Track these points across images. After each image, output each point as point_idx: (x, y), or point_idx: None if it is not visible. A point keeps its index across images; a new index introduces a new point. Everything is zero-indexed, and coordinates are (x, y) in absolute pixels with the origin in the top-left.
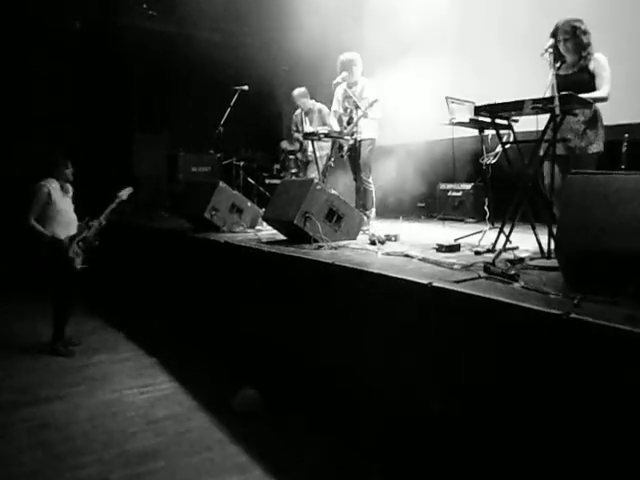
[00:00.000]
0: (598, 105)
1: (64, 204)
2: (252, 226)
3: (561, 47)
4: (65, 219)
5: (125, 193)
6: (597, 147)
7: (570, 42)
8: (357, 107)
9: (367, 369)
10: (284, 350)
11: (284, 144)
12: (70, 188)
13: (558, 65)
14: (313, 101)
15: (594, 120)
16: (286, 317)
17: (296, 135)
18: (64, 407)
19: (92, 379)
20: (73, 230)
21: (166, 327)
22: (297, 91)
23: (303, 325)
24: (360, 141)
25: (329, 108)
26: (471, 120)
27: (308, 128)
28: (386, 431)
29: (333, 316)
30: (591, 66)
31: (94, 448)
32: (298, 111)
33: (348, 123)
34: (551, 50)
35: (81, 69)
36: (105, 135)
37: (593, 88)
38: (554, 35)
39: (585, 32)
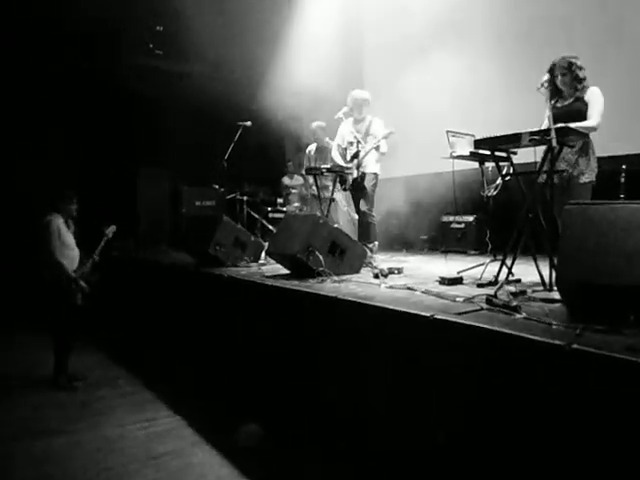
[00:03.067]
0: (591, 136)
1: (69, 238)
2: (255, 260)
3: (559, 82)
4: (71, 254)
5: (110, 231)
6: (589, 177)
7: (567, 77)
8: (359, 141)
9: (370, 401)
10: (286, 383)
11: (286, 180)
12: (72, 224)
13: (555, 99)
14: (328, 139)
15: (585, 150)
16: (289, 350)
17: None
18: (65, 442)
19: (94, 414)
20: (75, 265)
21: (168, 361)
22: (316, 124)
23: (306, 358)
24: (364, 175)
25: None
26: (471, 153)
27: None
28: (391, 464)
29: (336, 348)
30: (586, 97)
31: None
32: (312, 146)
33: (353, 158)
34: (547, 85)
35: (86, 105)
36: (109, 171)
37: (585, 118)
38: (551, 71)
39: (580, 67)
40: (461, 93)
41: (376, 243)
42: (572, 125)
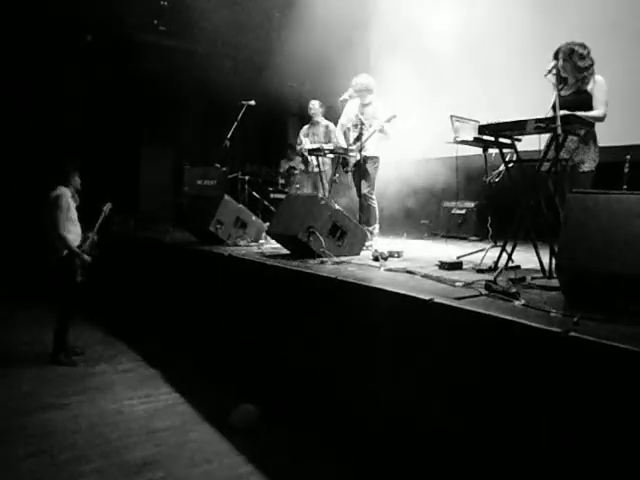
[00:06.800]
0: (595, 126)
1: (75, 214)
2: (256, 240)
3: (560, 69)
4: (76, 229)
5: (107, 208)
6: (589, 166)
7: (568, 64)
8: (362, 124)
9: (367, 384)
10: (285, 364)
11: (285, 162)
12: (77, 198)
13: (561, 86)
14: (321, 117)
15: (587, 139)
16: (287, 331)
17: (298, 148)
18: (65, 416)
19: (93, 389)
20: (79, 241)
21: (168, 338)
22: (316, 102)
23: (304, 339)
24: (366, 158)
25: (335, 124)
26: (475, 139)
27: (307, 144)
28: (388, 443)
29: (335, 330)
30: (589, 87)
31: (93, 457)
32: (306, 126)
33: (357, 139)
34: (554, 71)
35: (90, 82)
36: (113, 148)
37: (590, 108)
38: (556, 57)
39: (582, 56)
40: (467, 77)
41: (377, 226)
42: (579, 114)
